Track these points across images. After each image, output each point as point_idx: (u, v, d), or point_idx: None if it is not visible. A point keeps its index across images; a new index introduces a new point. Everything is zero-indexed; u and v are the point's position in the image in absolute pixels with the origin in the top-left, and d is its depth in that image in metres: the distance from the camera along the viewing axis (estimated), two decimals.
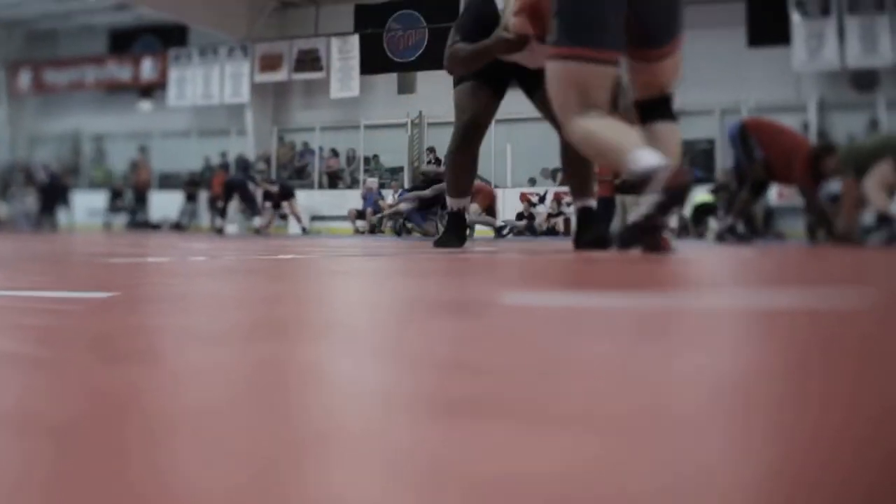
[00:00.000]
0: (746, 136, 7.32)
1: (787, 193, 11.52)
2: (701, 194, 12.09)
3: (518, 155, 15.12)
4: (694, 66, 14.87)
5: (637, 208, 2.95)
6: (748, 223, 7.63)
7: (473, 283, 1.81)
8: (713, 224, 7.57)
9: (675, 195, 2.91)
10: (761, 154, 7.17)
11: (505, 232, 12.00)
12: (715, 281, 1.99)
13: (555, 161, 15.21)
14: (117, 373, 0.60)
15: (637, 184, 3.01)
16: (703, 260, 3.06)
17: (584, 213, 4.43)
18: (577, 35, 3.24)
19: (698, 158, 14.29)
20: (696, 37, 14.96)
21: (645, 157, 2.97)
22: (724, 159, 13.10)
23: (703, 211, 12.23)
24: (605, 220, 14.07)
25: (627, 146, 3.04)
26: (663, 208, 2.91)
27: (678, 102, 3.28)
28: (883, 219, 6.73)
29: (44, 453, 0.38)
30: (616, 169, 3.12)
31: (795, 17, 14.18)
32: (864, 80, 14.43)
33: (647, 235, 3.01)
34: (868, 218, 7.05)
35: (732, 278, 2.09)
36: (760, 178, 7.26)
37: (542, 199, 14.54)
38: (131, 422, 0.45)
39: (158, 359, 0.69)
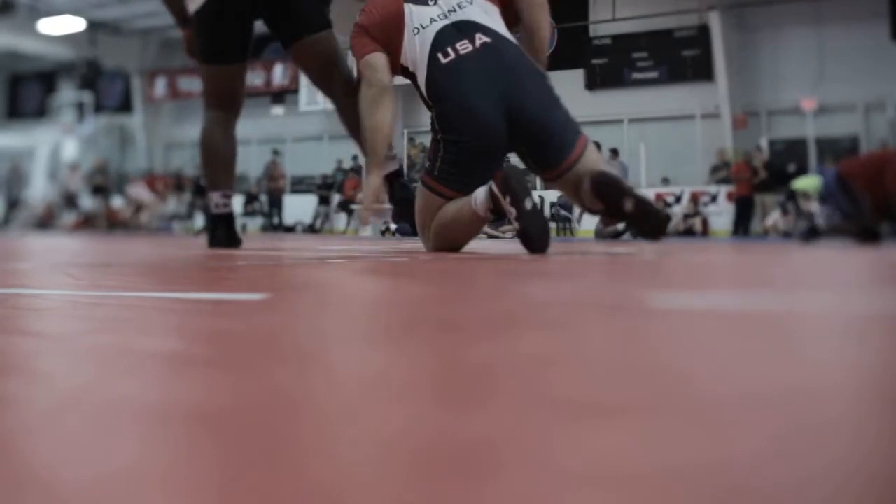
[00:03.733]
0: (846, 184, 6.60)
1: None
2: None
3: (652, 154, 14.92)
4: (834, 60, 14.46)
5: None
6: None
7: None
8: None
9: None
10: (867, 198, 6.45)
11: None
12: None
13: (691, 161, 15.04)
14: (290, 372, 0.61)
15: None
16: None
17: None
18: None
19: (842, 158, 13.90)
20: (835, 31, 14.59)
21: (479, 191, 3.38)
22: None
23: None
24: (744, 219, 13.80)
25: (463, 201, 3.47)
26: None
27: (820, 97, 3.15)
28: None
29: (231, 448, 0.38)
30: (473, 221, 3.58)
31: None
32: None
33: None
34: None
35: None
36: (872, 224, 6.44)
37: (678, 200, 14.33)
38: (305, 418, 0.45)
39: (324, 359, 0.70)
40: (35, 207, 20.17)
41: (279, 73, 18.86)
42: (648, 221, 3.27)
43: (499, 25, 3.68)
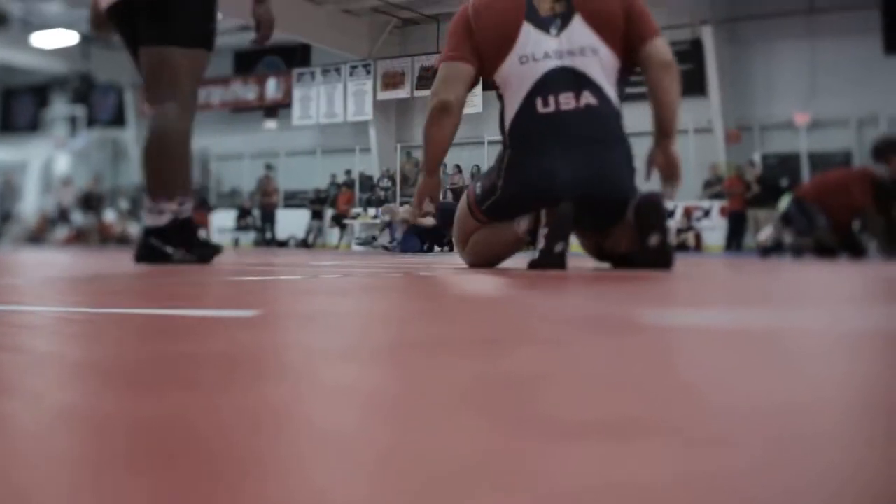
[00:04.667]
0: (803, 205, 7.07)
1: None
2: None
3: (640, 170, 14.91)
4: (827, 75, 14.49)
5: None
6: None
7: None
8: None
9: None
10: (824, 218, 6.90)
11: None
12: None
13: (684, 175, 15.02)
14: (278, 390, 0.61)
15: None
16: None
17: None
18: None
19: None
20: (828, 45, 14.63)
21: (521, 220, 3.43)
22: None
23: None
24: (737, 234, 13.82)
25: (510, 227, 3.46)
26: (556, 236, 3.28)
27: (813, 112, 3.18)
28: None
29: (220, 466, 0.38)
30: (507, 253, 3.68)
31: None
32: None
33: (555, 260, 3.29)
34: None
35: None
36: (829, 243, 6.88)
37: (671, 214, 14.33)
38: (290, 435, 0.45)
39: (313, 376, 0.70)
40: (27, 221, 20.15)
41: (272, 88, 18.87)
42: (657, 264, 3.18)
43: (610, 87, 3.38)
